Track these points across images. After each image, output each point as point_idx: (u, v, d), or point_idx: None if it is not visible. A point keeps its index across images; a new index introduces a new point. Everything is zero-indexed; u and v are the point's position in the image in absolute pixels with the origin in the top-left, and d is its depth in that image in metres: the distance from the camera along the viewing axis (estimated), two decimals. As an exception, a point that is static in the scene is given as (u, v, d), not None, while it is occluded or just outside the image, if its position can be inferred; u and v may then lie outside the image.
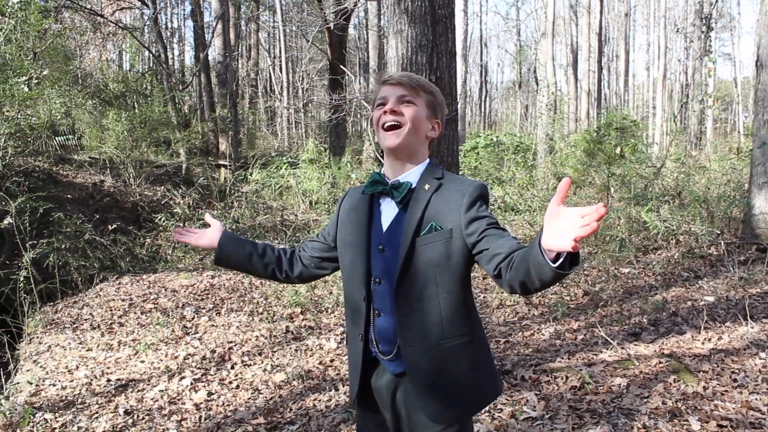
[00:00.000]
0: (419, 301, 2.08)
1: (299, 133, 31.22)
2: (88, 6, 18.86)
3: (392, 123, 2.11)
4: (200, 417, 5.08)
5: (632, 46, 46.40)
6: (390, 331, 2.16)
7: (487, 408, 4.37)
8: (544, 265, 1.64)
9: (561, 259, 1.63)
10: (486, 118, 42.70)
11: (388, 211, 2.16)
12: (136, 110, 18.83)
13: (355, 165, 15.62)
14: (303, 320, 7.63)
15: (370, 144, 19.54)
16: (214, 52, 20.73)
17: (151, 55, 21.38)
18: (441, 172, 2.20)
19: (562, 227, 1.53)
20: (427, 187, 2.11)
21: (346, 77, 15.09)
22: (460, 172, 13.75)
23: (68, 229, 10.37)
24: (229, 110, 17.58)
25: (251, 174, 12.96)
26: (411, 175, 2.16)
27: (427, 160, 2.23)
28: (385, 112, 2.11)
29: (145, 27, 21.92)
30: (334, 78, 14.19)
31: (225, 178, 15.57)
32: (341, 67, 14.02)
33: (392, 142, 2.11)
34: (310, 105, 31.75)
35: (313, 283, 8.71)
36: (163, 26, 30.49)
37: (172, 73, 20.64)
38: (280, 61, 31.77)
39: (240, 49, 30.75)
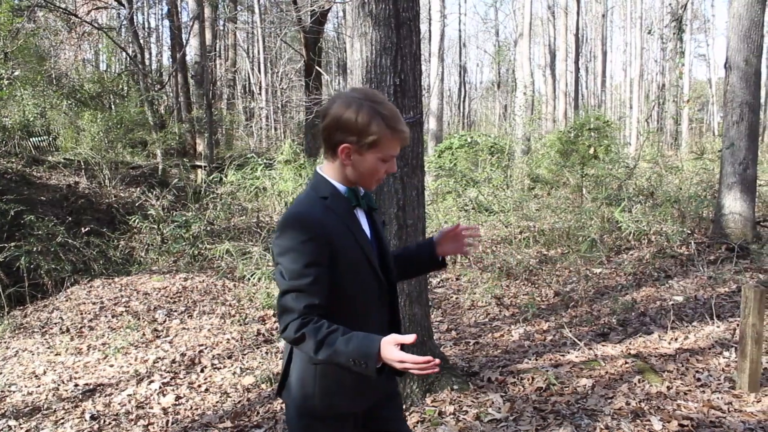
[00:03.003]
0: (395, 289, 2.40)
1: (278, 133, 31.13)
2: (63, 5, 18.67)
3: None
4: (167, 421, 5.05)
5: (610, 47, 46.79)
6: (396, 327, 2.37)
7: (452, 410, 4.39)
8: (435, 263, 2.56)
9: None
10: (465, 118, 42.81)
11: (362, 220, 2.25)
12: (113, 111, 18.69)
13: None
14: (275, 322, 7.60)
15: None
16: (191, 53, 20.62)
17: (127, 55, 21.18)
18: None
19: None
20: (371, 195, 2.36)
21: (323, 77, 15.04)
22: (434, 173, 13.79)
23: (40, 232, 10.27)
24: (204, 111, 17.48)
25: (226, 175, 12.89)
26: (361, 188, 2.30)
27: None
28: (388, 172, 2.21)
29: (122, 27, 21.73)
30: (309, 79, 14.16)
31: (202, 180, 15.49)
32: (317, 68, 13.99)
33: (370, 188, 2.25)
34: (288, 105, 31.66)
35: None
36: (141, 26, 30.30)
37: (148, 73, 20.49)
38: (259, 62, 31.70)
39: (218, 50, 30.62)
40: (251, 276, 8.67)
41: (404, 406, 4.51)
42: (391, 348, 1.93)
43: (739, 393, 4.71)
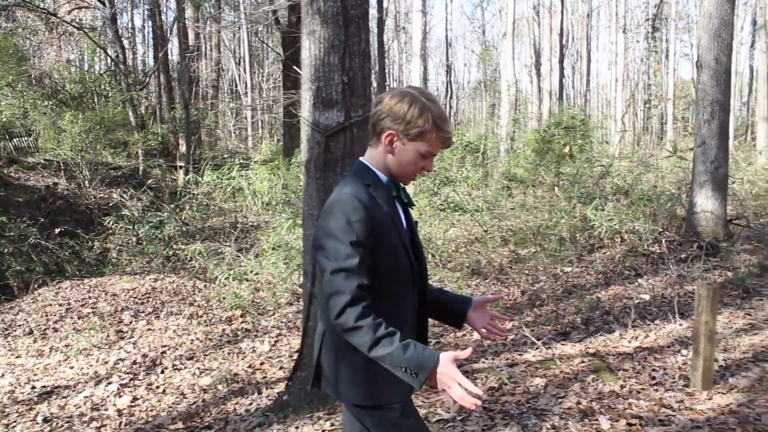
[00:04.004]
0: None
1: (263, 133, 31.05)
2: (42, 5, 18.55)
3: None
4: (120, 423, 5.01)
5: (596, 47, 46.90)
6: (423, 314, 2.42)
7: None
8: (459, 322, 2.53)
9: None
10: (452, 117, 42.78)
11: (400, 213, 2.31)
12: (96, 111, 18.60)
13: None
14: (242, 323, 7.57)
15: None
16: (174, 53, 20.54)
17: (107, 55, 21.06)
18: None
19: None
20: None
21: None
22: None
23: (12, 233, 10.20)
24: (182, 111, 17.41)
25: (202, 176, 12.84)
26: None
27: None
28: (425, 169, 2.27)
29: (104, 27, 21.61)
30: (287, 77, 14.11)
31: (182, 180, 15.41)
32: (294, 66, 13.93)
33: (406, 182, 2.32)
34: (274, 105, 31.58)
35: (258, 284, 8.66)
36: (125, 26, 30.16)
37: (129, 73, 20.38)
38: (244, 61, 31.60)
39: (204, 49, 30.49)
40: (221, 276, 8.64)
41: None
42: (451, 365, 1.98)
43: (692, 391, 4.69)
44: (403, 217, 2.30)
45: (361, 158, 2.30)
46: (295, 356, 5.00)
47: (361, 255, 2.06)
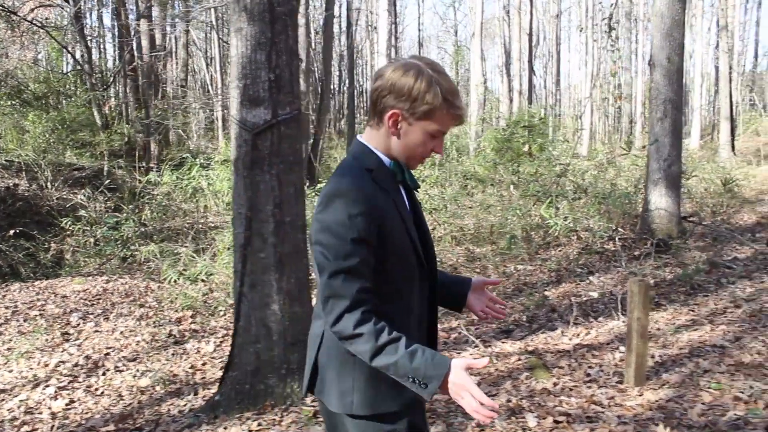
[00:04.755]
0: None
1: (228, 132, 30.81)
2: (2, 4, 18.29)
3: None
4: (53, 426, 4.93)
5: (568, 47, 47.20)
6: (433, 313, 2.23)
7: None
8: (459, 305, 2.34)
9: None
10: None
11: (404, 199, 2.08)
12: (64, 111, 18.38)
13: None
14: (191, 323, 7.50)
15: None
16: (140, 52, 20.35)
17: (69, 54, 20.81)
18: None
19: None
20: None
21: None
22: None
23: (-37, 235, 10.05)
24: (142, 111, 17.28)
25: (161, 176, 12.72)
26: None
27: None
28: (435, 151, 2.02)
29: (69, 25, 21.36)
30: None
31: (148, 180, 15.25)
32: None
33: (412, 166, 2.08)
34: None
35: (212, 285, 8.60)
36: (92, 25, 29.82)
37: (92, 73, 20.15)
38: (215, 61, 31.41)
39: (176, 48, 30.23)
40: (172, 277, 8.56)
41: (284, 406, 4.45)
42: (464, 374, 1.78)
43: (625, 387, 4.72)
44: (407, 202, 2.07)
45: (359, 138, 2.04)
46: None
47: (363, 253, 1.84)
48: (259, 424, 4.25)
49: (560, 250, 9.43)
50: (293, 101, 4.38)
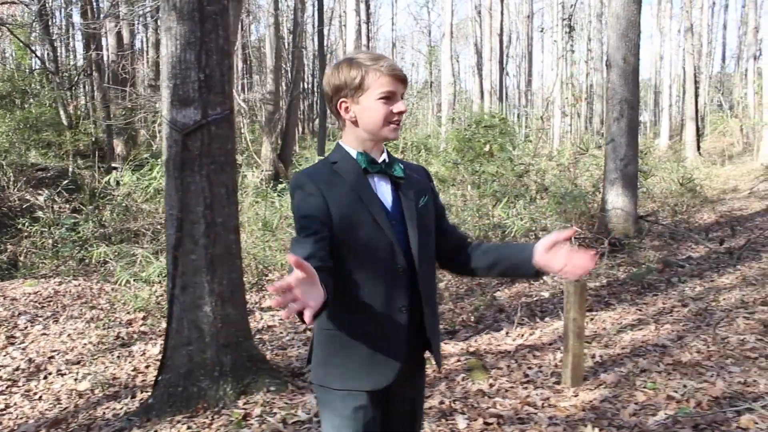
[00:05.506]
0: (429, 266, 2.21)
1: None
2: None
3: (399, 122, 2.16)
4: (-17, 432, 4.84)
5: (541, 48, 47.42)
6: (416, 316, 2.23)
7: (259, 412, 4.30)
8: (530, 270, 2.19)
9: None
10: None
11: (381, 189, 2.17)
12: (28, 110, 18.15)
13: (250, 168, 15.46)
14: (141, 325, 7.42)
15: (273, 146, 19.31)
16: (107, 51, 20.14)
17: (33, 53, 20.55)
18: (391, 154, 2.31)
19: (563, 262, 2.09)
20: (402, 166, 2.24)
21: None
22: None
23: None
24: (102, 110, 17.11)
25: (121, 176, 12.58)
26: (385, 155, 2.22)
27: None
28: (400, 113, 2.12)
29: (34, 23, 21.09)
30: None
31: (108, 181, 15.09)
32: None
33: (395, 135, 2.16)
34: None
35: (166, 285, 8.51)
36: (60, 22, 29.47)
37: (57, 72, 19.93)
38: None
39: (146, 48, 29.95)
40: (124, 278, 8.47)
41: (216, 409, 4.40)
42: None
43: (561, 388, 4.73)
44: (390, 194, 2.16)
45: (338, 141, 2.23)
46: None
47: (312, 226, 1.99)
48: (189, 428, 4.20)
49: (518, 250, 9.44)
50: (224, 101, 4.34)
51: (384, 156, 2.20)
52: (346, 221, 2.05)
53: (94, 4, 22.62)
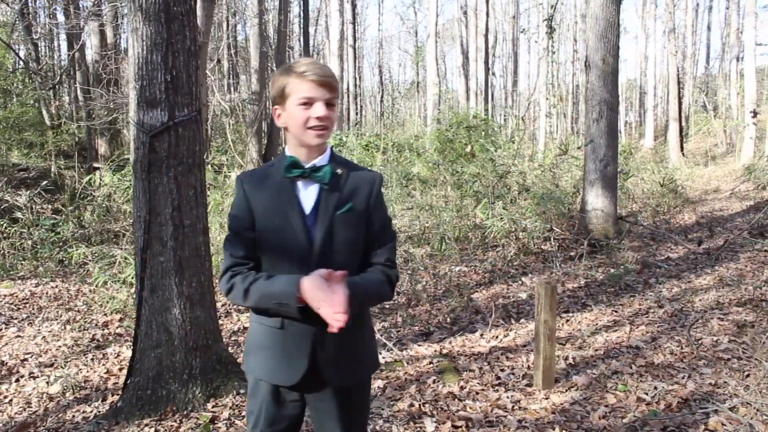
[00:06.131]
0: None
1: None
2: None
3: (321, 128, 2.17)
4: (-49, 436, 4.79)
5: (527, 49, 47.51)
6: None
7: (227, 415, 4.27)
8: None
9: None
10: (384, 118, 42.88)
11: (308, 194, 2.21)
12: (9, 109, 17.99)
13: (232, 168, 15.41)
14: (118, 327, 7.37)
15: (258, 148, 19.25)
16: (90, 50, 20.02)
17: (13, 52, 20.39)
18: (343, 158, 2.34)
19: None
20: (339, 171, 2.23)
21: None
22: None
23: None
24: (84, 110, 17.00)
25: (101, 177, 12.50)
26: (323, 159, 2.24)
27: (329, 147, 2.31)
28: (318, 118, 2.14)
29: (16, 22, 20.93)
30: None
31: (88, 181, 14.99)
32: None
33: (317, 142, 2.19)
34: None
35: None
36: (44, 21, 29.27)
37: (38, 71, 19.79)
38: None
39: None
40: (100, 279, 8.41)
41: (185, 412, 4.37)
42: (317, 280, 1.97)
43: (533, 390, 4.73)
44: (313, 197, 2.19)
45: None
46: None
47: (236, 226, 2.21)
48: (157, 431, 4.17)
49: (498, 252, 9.45)
50: (191, 103, 4.30)
51: (318, 160, 2.22)
52: (265, 222, 2.19)
53: (79, 3, 22.48)
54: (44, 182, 13.72)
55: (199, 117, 4.37)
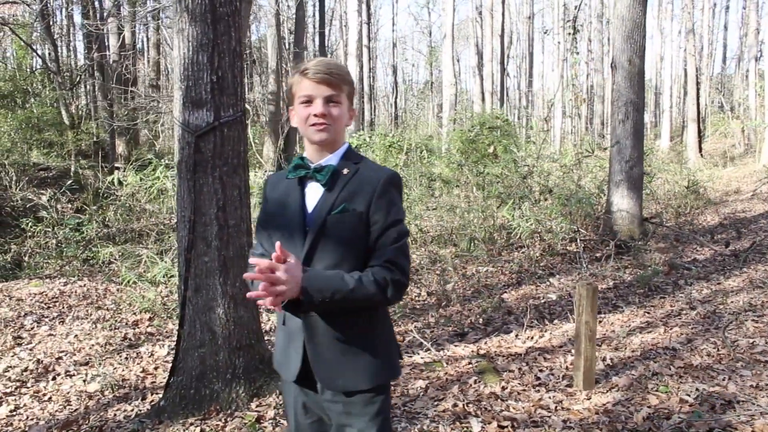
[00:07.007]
0: None
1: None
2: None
3: (321, 124, 2.19)
4: (-6, 433, 4.83)
5: (542, 49, 47.46)
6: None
7: (272, 415, 4.29)
8: None
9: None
10: (397, 118, 42.87)
11: (313, 194, 2.23)
12: (30, 110, 18.14)
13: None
14: (148, 326, 7.41)
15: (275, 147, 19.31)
16: (109, 51, 20.13)
17: (34, 53, 20.53)
18: (359, 157, 2.32)
19: None
20: (345, 171, 2.22)
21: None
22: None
23: None
24: (104, 110, 17.09)
25: (125, 177, 12.56)
26: (332, 159, 2.25)
27: (346, 144, 2.31)
28: (316, 116, 2.18)
29: (35, 23, 21.07)
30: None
31: (111, 181, 15.08)
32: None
33: (319, 138, 2.20)
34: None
35: (171, 287, 8.51)
36: (62, 22, 29.44)
37: (59, 71, 19.91)
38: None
39: (147, 48, 29.92)
40: (130, 278, 8.46)
41: (229, 411, 4.39)
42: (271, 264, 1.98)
43: (574, 391, 4.72)
44: (317, 196, 2.20)
45: None
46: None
47: (258, 228, 2.33)
48: (202, 430, 4.19)
49: (523, 252, 9.44)
50: (236, 103, 4.33)
51: (326, 159, 2.23)
52: (274, 222, 2.27)
53: (96, 4, 22.62)
54: (68, 182, 13.77)
55: (243, 117, 4.39)
